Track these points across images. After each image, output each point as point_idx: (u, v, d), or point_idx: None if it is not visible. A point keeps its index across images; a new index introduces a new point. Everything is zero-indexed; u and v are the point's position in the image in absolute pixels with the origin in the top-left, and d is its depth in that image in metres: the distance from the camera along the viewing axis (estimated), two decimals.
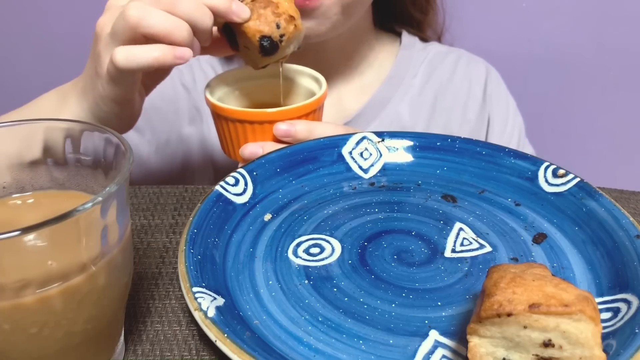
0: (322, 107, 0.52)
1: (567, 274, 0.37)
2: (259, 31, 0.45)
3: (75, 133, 0.32)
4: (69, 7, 1.02)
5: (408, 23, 0.77)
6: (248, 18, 0.45)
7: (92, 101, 0.48)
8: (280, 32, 0.46)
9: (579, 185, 0.42)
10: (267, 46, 0.46)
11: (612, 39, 0.95)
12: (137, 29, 0.42)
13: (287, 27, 0.46)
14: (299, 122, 0.48)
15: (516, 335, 0.27)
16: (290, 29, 0.46)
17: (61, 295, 0.26)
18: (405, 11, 0.75)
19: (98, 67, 0.46)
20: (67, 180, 0.33)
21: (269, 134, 0.49)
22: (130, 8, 0.42)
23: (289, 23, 0.46)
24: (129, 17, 0.42)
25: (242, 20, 0.45)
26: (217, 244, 0.39)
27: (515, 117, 0.75)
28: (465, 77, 0.74)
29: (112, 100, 0.46)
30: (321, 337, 0.33)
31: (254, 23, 0.45)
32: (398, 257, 0.39)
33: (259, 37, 0.46)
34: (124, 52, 0.42)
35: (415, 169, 0.48)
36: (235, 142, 0.51)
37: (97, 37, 0.46)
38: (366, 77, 0.72)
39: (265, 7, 0.46)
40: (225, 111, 0.49)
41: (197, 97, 0.71)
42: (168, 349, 0.34)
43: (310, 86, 0.54)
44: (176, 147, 0.71)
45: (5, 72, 1.10)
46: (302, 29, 0.48)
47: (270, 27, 0.46)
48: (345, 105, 0.70)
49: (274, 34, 0.46)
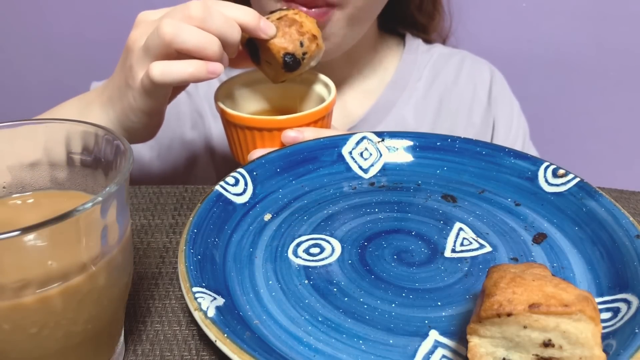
0: (330, 114, 0.53)
1: (567, 274, 0.37)
2: (284, 48, 0.48)
3: (75, 133, 0.32)
4: (69, 7, 1.02)
5: (413, 26, 0.76)
6: (274, 35, 0.47)
7: (120, 111, 0.49)
8: (304, 50, 0.48)
9: (579, 185, 0.42)
10: (290, 63, 0.48)
11: (612, 39, 0.95)
12: (172, 45, 0.43)
13: (309, 45, 0.48)
14: (307, 130, 0.49)
15: (516, 335, 0.27)
16: (313, 47, 0.49)
17: (61, 295, 0.26)
18: (411, 15, 0.74)
19: (130, 79, 0.47)
20: (67, 180, 0.33)
21: (278, 141, 0.50)
22: (164, 25, 0.43)
23: (311, 42, 0.49)
24: (164, 34, 0.43)
25: (268, 37, 0.47)
26: (217, 244, 0.39)
27: (519, 120, 0.74)
28: (470, 80, 0.74)
29: (143, 111, 0.48)
30: (321, 337, 0.33)
31: (279, 40, 0.47)
32: (398, 257, 0.39)
33: (283, 54, 0.48)
34: (160, 67, 0.43)
35: (415, 169, 0.48)
36: (244, 148, 0.51)
37: (129, 51, 0.48)
38: (370, 81, 0.72)
39: (290, 26, 0.48)
40: (234, 118, 0.49)
41: (198, 102, 0.71)
42: (168, 349, 0.34)
43: (320, 91, 0.55)
44: (179, 151, 0.71)
45: (5, 72, 1.10)
46: (322, 47, 0.50)
47: (294, 44, 0.48)
48: (349, 110, 0.70)
49: (297, 51, 0.48)
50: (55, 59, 1.07)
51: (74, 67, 1.07)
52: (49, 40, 1.05)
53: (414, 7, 0.74)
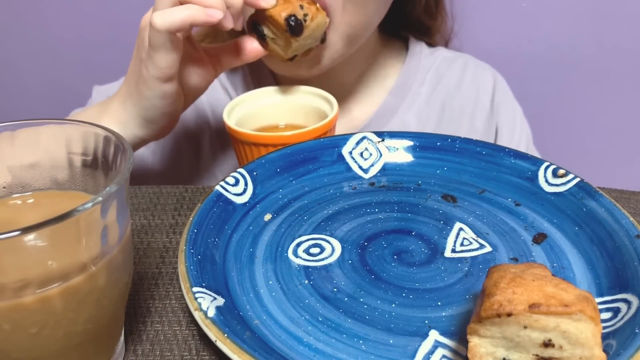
0: (334, 129, 0.54)
1: (567, 274, 0.37)
2: (284, 10, 0.50)
3: (76, 133, 0.32)
4: (70, 7, 1.02)
5: (416, 29, 0.76)
6: (274, 4, 0.50)
7: (137, 96, 0.51)
8: (304, 12, 0.51)
9: (579, 185, 0.42)
10: (293, 24, 0.50)
11: (612, 39, 0.95)
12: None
13: (309, 7, 0.51)
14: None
15: (516, 335, 0.27)
16: (313, 9, 0.51)
17: (61, 295, 0.26)
18: (415, 17, 0.74)
19: (142, 52, 0.49)
20: (67, 180, 0.33)
21: None
22: None
23: (310, 5, 0.51)
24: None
25: (269, 6, 0.50)
26: (217, 244, 0.39)
27: (522, 126, 0.74)
28: (473, 85, 0.74)
29: (157, 78, 0.48)
30: (321, 337, 0.33)
31: (278, 7, 0.50)
32: (398, 257, 0.39)
33: (285, 17, 0.50)
34: (161, 14, 0.45)
35: (415, 169, 0.48)
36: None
37: (141, 30, 0.50)
38: (372, 87, 0.72)
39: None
40: (241, 135, 0.51)
41: (199, 105, 0.71)
42: (168, 349, 0.34)
43: (322, 107, 0.56)
44: (181, 156, 0.71)
45: (5, 72, 1.10)
46: (324, 14, 0.53)
47: (294, 7, 0.50)
48: (352, 116, 0.70)
49: (298, 12, 0.50)
50: (56, 59, 1.07)
51: (74, 68, 1.07)
52: (49, 40, 1.05)
53: (420, 10, 0.73)
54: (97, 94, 0.71)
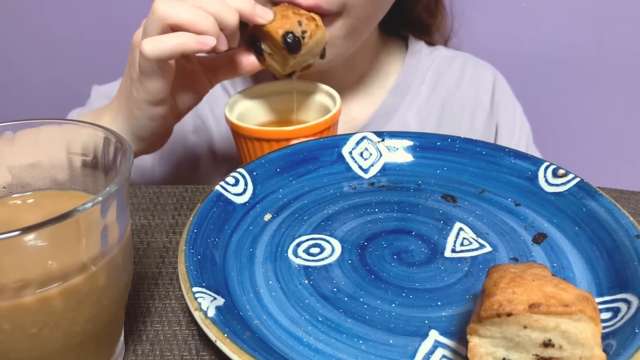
0: (336, 124, 0.53)
1: (567, 274, 0.37)
2: (281, 27, 0.48)
3: (76, 133, 0.32)
4: (70, 7, 1.02)
5: (416, 28, 0.76)
6: (272, 20, 0.48)
7: (128, 113, 0.50)
8: (302, 29, 0.48)
9: (579, 185, 0.42)
10: (290, 42, 0.48)
11: (612, 39, 0.95)
12: (165, 19, 0.44)
13: (308, 24, 0.48)
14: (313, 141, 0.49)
15: (516, 335, 0.27)
16: (312, 26, 0.49)
17: (61, 295, 0.26)
18: (415, 15, 0.74)
19: (133, 72, 0.47)
20: (67, 180, 0.33)
21: None
22: (158, 2, 0.44)
23: (310, 21, 0.49)
24: (157, 10, 0.44)
25: (265, 22, 0.48)
26: (217, 244, 0.39)
27: (522, 124, 0.74)
28: (473, 84, 0.74)
29: (147, 101, 0.48)
30: (321, 337, 0.33)
31: (276, 23, 0.48)
32: (398, 257, 0.39)
33: (282, 34, 0.48)
34: (150, 41, 0.44)
35: (415, 169, 0.48)
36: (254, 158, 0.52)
37: (133, 47, 0.48)
38: (372, 86, 0.72)
39: (287, 10, 0.49)
40: (243, 129, 0.51)
41: (200, 107, 0.70)
42: (168, 349, 0.34)
43: (325, 102, 0.56)
44: (180, 156, 0.70)
45: (5, 72, 1.10)
46: (324, 30, 0.50)
47: (291, 23, 0.48)
48: (352, 115, 0.70)
49: (296, 29, 0.48)
50: (56, 59, 1.07)
51: (74, 68, 1.07)
52: (49, 40, 1.05)
53: (420, 8, 0.73)
54: (96, 94, 0.71)
